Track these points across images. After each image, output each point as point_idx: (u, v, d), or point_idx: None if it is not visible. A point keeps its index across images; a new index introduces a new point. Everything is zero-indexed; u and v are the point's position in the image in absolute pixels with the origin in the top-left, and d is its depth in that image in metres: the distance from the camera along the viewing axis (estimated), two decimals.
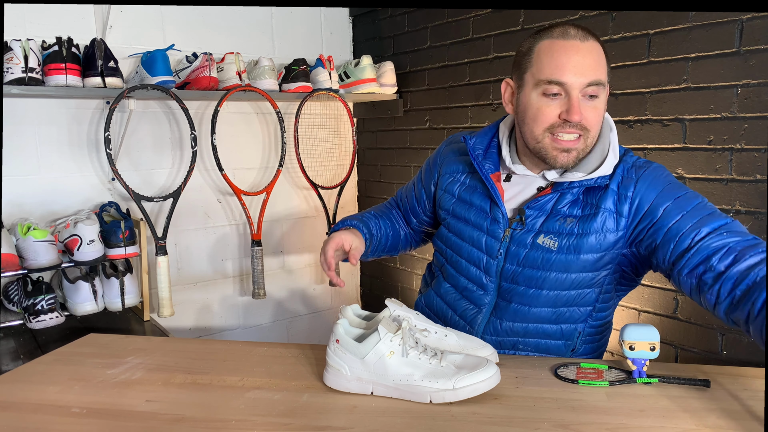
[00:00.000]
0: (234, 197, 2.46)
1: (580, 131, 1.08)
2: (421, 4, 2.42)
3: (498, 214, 1.19)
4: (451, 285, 1.30)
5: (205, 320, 2.51)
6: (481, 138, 1.25)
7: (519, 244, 1.17)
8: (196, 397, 1.03)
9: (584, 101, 1.07)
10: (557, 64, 1.05)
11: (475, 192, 1.24)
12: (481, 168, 1.20)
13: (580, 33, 1.06)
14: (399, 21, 2.57)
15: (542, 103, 1.08)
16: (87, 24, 2.13)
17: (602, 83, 1.07)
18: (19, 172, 2.05)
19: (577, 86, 1.05)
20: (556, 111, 1.07)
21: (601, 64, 1.07)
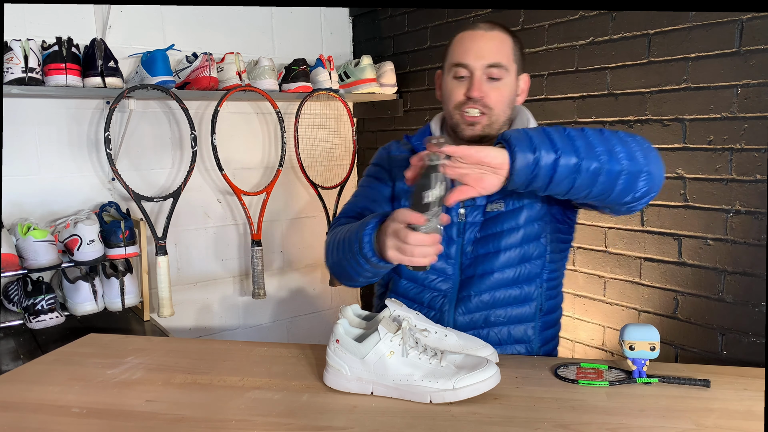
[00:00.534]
0: (234, 197, 2.46)
1: (482, 108, 1.21)
2: (421, 4, 2.42)
3: None
4: (409, 280, 1.32)
5: (205, 320, 2.51)
6: (419, 136, 1.37)
7: (474, 220, 1.28)
8: (196, 397, 1.02)
9: (487, 82, 1.21)
10: (463, 49, 1.22)
11: None
12: None
13: (488, 25, 1.23)
14: (399, 21, 2.57)
15: (453, 85, 1.24)
16: (87, 24, 2.13)
17: (503, 66, 1.21)
18: (19, 172, 2.05)
19: (478, 67, 1.20)
20: (462, 90, 1.22)
21: (503, 50, 1.21)
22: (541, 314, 1.29)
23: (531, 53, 2.04)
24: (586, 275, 1.95)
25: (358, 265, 1.12)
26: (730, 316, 1.57)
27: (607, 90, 1.82)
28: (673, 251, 1.69)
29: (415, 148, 1.34)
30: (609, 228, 1.86)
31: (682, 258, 1.68)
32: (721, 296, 1.59)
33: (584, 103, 1.89)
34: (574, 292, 1.99)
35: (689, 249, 1.66)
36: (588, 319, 1.95)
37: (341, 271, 1.21)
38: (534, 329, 1.29)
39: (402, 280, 1.33)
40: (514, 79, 1.24)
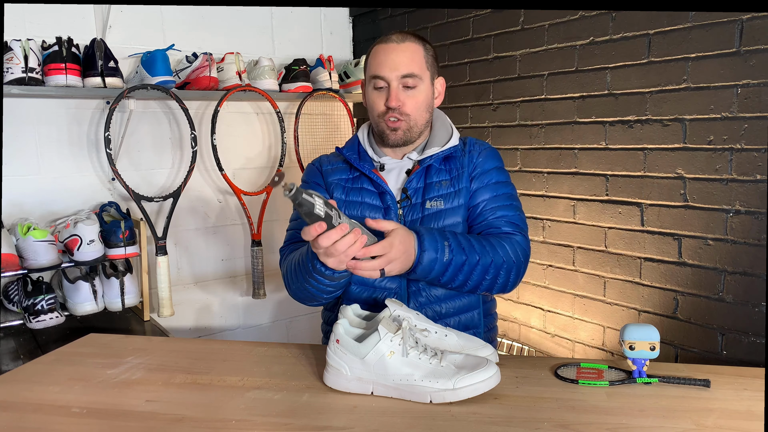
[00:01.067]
0: (234, 197, 2.46)
1: (400, 116, 1.31)
2: (421, 4, 2.42)
3: (388, 199, 1.33)
4: (359, 285, 1.33)
5: (205, 320, 2.51)
6: (349, 146, 1.43)
7: (413, 218, 1.32)
8: (196, 397, 1.03)
9: (403, 91, 1.30)
10: (378, 62, 1.31)
11: (362, 191, 1.36)
12: (361, 167, 1.36)
13: (400, 36, 1.31)
14: (399, 21, 2.57)
15: (374, 95, 1.33)
16: (87, 24, 2.13)
17: (416, 75, 1.29)
18: (19, 172, 2.05)
19: (393, 78, 1.29)
20: (382, 100, 1.32)
21: (415, 60, 1.30)
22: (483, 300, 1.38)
23: (531, 53, 2.04)
24: (586, 275, 1.95)
25: (319, 283, 1.18)
26: (730, 316, 1.57)
27: (607, 90, 1.82)
28: (673, 251, 1.69)
29: (347, 158, 1.39)
30: (609, 228, 1.86)
31: (682, 258, 1.68)
32: (721, 296, 1.59)
33: (584, 103, 1.89)
34: (574, 292, 1.99)
35: (689, 249, 1.66)
36: (588, 319, 1.95)
37: (305, 294, 1.26)
38: (479, 314, 1.36)
39: (352, 286, 1.33)
40: (429, 85, 1.34)
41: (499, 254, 1.24)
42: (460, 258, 1.20)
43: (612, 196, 1.84)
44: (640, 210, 1.77)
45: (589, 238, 1.92)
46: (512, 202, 1.37)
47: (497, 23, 2.15)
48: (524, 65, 2.08)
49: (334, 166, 1.42)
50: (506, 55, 2.13)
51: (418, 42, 1.32)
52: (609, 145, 1.84)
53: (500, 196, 1.35)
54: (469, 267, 1.21)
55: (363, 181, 1.37)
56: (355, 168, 1.38)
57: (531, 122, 2.08)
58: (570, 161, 1.96)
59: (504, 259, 1.24)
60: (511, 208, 1.35)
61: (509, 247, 1.27)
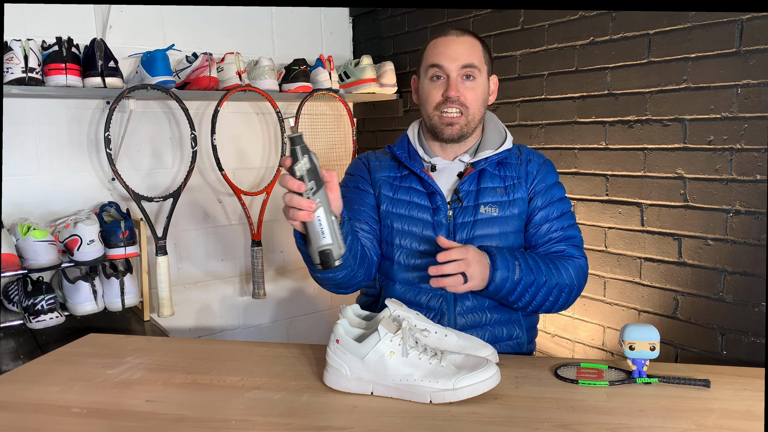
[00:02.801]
0: (234, 197, 2.46)
1: (460, 107, 1.30)
2: (421, 4, 2.42)
3: (438, 200, 1.32)
4: (404, 284, 1.33)
5: (205, 320, 2.51)
6: (399, 144, 1.42)
7: (464, 220, 1.32)
8: (196, 397, 1.03)
9: (462, 82, 1.30)
10: (438, 52, 1.31)
11: (411, 190, 1.36)
12: (412, 166, 1.35)
13: (459, 31, 1.33)
14: (399, 21, 2.57)
15: (430, 87, 1.33)
16: (87, 24, 2.13)
17: (476, 66, 1.30)
18: (19, 172, 2.05)
19: (453, 68, 1.29)
20: (440, 91, 1.31)
21: (475, 53, 1.31)
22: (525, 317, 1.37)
23: (531, 53, 2.04)
24: None
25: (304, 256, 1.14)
26: (730, 316, 1.57)
27: (607, 90, 1.82)
28: (673, 251, 1.69)
29: (397, 156, 1.38)
30: (609, 228, 1.86)
31: (682, 258, 1.68)
32: (721, 296, 1.59)
33: (584, 103, 1.89)
34: None
35: (689, 249, 1.66)
36: (588, 319, 1.95)
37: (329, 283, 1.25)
38: (521, 327, 1.35)
39: (396, 285, 1.34)
40: (486, 80, 1.35)
41: (563, 276, 1.26)
42: (529, 278, 1.21)
43: (612, 196, 1.84)
44: (640, 210, 1.77)
45: (589, 238, 1.92)
46: (574, 222, 1.38)
47: (497, 23, 2.15)
48: (524, 65, 2.08)
49: (382, 163, 1.42)
50: (506, 55, 2.13)
51: (476, 37, 1.34)
52: (609, 145, 1.84)
53: (565, 215, 1.36)
54: (536, 287, 1.23)
55: (412, 180, 1.36)
56: (404, 166, 1.37)
57: (531, 122, 2.08)
58: (570, 161, 1.96)
59: (567, 282, 1.26)
60: (574, 228, 1.36)
61: (573, 270, 1.28)
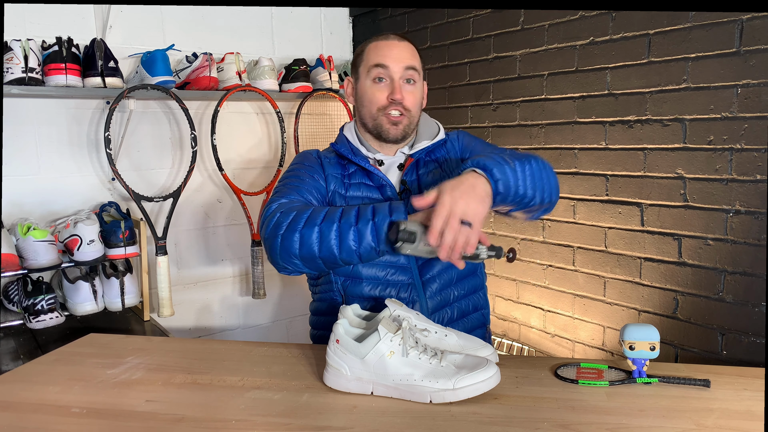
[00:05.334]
0: (234, 197, 2.46)
1: (402, 109, 1.34)
2: (421, 4, 2.42)
3: (388, 191, 1.34)
4: (370, 281, 1.30)
5: (205, 320, 2.51)
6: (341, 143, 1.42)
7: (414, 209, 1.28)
8: (196, 397, 1.03)
9: (404, 85, 1.34)
10: (381, 54, 1.34)
11: (361, 186, 1.37)
12: (359, 162, 1.36)
13: (398, 36, 1.37)
14: (399, 21, 2.57)
15: (374, 88, 1.34)
16: (87, 24, 2.13)
17: (416, 69, 1.35)
18: (19, 172, 2.05)
19: (397, 70, 1.32)
20: (384, 93, 1.33)
21: (415, 57, 1.37)
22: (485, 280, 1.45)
23: (531, 53, 2.04)
24: (586, 275, 1.95)
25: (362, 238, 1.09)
26: (730, 316, 1.57)
27: (607, 90, 1.82)
28: (673, 251, 1.69)
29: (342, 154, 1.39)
30: (609, 228, 1.86)
31: (682, 258, 1.68)
32: (721, 296, 1.59)
33: (584, 103, 1.89)
34: (574, 292, 1.99)
35: (689, 249, 1.66)
36: (588, 319, 1.95)
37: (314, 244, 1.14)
38: (483, 294, 1.42)
39: (363, 283, 1.30)
40: (422, 84, 1.40)
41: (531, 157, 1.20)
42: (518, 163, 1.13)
43: (612, 196, 1.84)
44: (640, 210, 1.77)
45: (589, 238, 1.92)
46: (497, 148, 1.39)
47: (497, 23, 2.15)
48: (524, 65, 2.08)
49: (330, 160, 1.42)
50: (506, 55, 2.13)
51: (413, 44, 1.39)
52: (609, 145, 1.84)
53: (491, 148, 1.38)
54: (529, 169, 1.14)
55: (361, 176, 1.37)
56: (352, 163, 1.38)
57: (531, 122, 2.08)
58: (570, 161, 1.96)
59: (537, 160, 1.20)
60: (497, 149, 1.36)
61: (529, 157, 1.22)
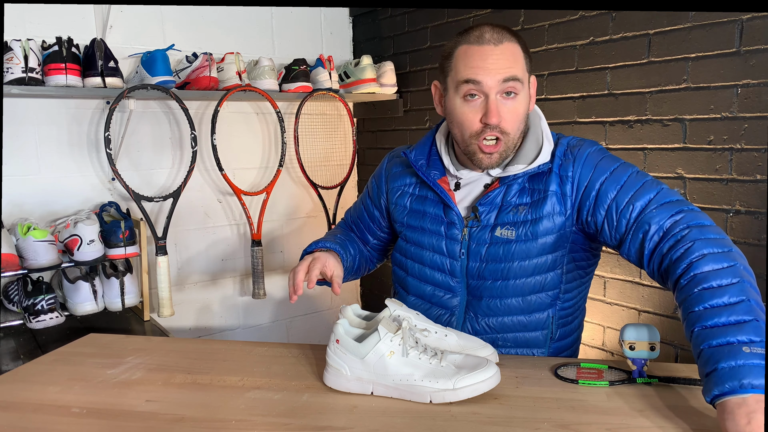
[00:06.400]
0: (234, 197, 2.46)
1: (498, 134, 1.14)
2: (421, 4, 2.41)
3: (453, 216, 1.23)
4: (417, 296, 1.31)
5: (205, 320, 2.51)
6: (421, 149, 1.30)
7: (479, 241, 1.20)
8: (196, 397, 1.03)
9: (502, 101, 1.13)
10: (473, 66, 1.11)
11: (426, 200, 1.28)
12: (426, 176, 1.25)
13: (495, 36, 1.12)
14: (399, 21, 2.57)
15: (465, 108, 1.14)
16: (87, 24, 2.13)
17: (518, 79, 1.12)
18: (19, 172, 2.05)
19: (493, 85, 1.11)
20: (477, 114, 1.13)
21: (517, 62, 1.13)
22: (551, 341, 1.24)
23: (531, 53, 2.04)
24: None
25: None
26: None
27: (607, 90, 1.82)
28: None
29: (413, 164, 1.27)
30: None
31: None
32: None
33: (584, 103, 1.89)
34: None
35: None
36: (588, 319, 1.95)
37: None
38: (543, 353, 1.24)
39: (410, 296, 1.32)
40: (527, 90, 1.17)
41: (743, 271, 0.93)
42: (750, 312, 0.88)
43: None
44: None
45: None
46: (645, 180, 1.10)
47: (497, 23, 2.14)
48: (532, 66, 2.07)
49: (402, 169, 1.35)
50: None
51: (514, 38, 1.14)
52: (609, 145, 1.84)
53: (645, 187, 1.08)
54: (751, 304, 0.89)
55: (429, 189, 1.27)
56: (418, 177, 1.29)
57: None
58: None
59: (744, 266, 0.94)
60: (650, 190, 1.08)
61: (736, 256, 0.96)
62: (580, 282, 1.26)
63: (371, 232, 1.47)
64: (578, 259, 1.23)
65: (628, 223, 1.08)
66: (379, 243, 1.50)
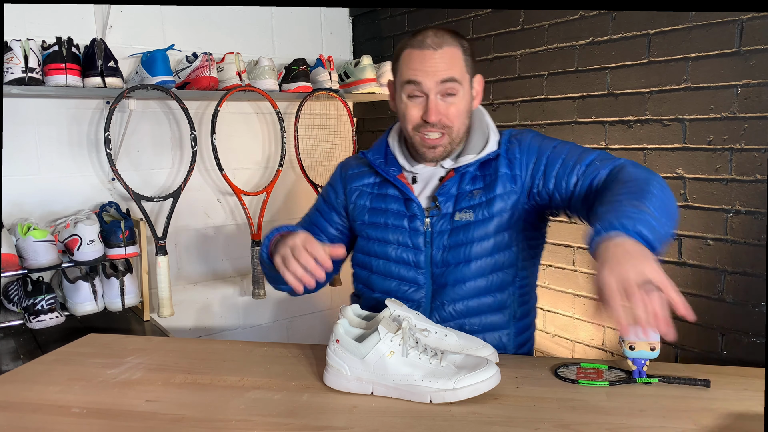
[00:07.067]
0: (234, 197, 2.46)
1: (441, 129, 1.22)
2: (421, 4, 2.42)
3: (414, 208, 1.28)
4: (382, 293, 1.31)
5: (205, 320, 2.51)
6: (377, 149, 1.35)
7: (441, 229, 1.26)
8: (196, 397, 1.03)
9: (442, 100, 1.20)
10: (413, 68, 1.19)
11: (387, 197, 1.32)
12: (386, 172, 1.30)
13: (436, 41, 1.19)
14: (399, 21, 2.57)
15: (409, 103, 1.22)
16: (87, 24, 2.13)
17: (456, 80, 1.19)
18: (19, 172, 2.05)
19: (432, 86, 1.18)
20: (418, 112, 1.21)
21: (455, 64, 1.20)
22: (514, 321, 1.29)
23: (531, 53, 2.04)
24: (586, 275, 1.95)
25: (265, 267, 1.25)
26: (730, 316, 1.57)
27: (607, 90, 1.82)
28: (673, 251, 1.69)
29: (372, 163, 1.32)
30: None
31: (682, 258, 1.68)
32: (721, 296, 1.59)
33: (584, 103, 1.89)
34: (574, 292, 1.99)
35: (689, 249, 1.66)
36: (588, 319, 1.95)
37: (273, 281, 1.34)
38: (509, 335, 1.29)
39: (375, 294, 1.32)
40: (468, 89, 1.24)
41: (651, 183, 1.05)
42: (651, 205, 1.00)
43: None
44: None
45: None
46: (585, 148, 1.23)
47: (497, 23, 2.15)
48: (524, 65, 2.08)
49: (359, 170, 1.38)
50: (506, 55, 2.13)
51: (455, 42, 1.21)
52: (609, 145, 1.84)
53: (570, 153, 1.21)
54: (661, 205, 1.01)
55: (388, 187, 1.31)
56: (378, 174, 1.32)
57: (531, 122, 2.08)
58: None
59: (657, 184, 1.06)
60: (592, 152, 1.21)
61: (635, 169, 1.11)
62: (532, 262, 1.35)
63: (328, 234, 1.43)
64: (530, 238, 1.30)
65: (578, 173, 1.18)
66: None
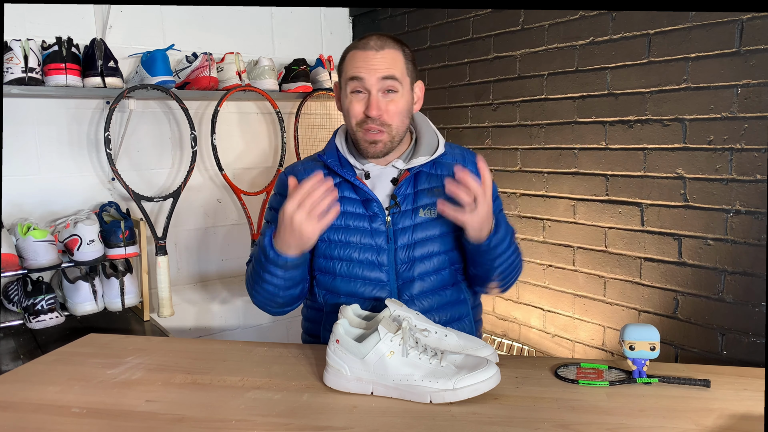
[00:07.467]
0: (234, 197, 2.46)
1: (380, 126, 1.25)
2: (421, 4, 2.42)
3: (374, 207, 1.29)
4: (348, 296, 1.30)
5: (205, 320, 2.51)
6: (330, 152, 1.36)
7: (403, 226, 1.29)
8: (196, 397, 1.03)
9: (383, 97, 1.25)
10: (356, 66, 1.25)
11: (345, 200, 1.31)
12: (344, 174, 1.31)
13: (378, 43, 1.25)
14: (399, 21, 2.57)
15: (352, 99, 1.27)
16: (87, 24, 2.13)
17: (397, 79, 1.25)
18: (19, 172, 2.05)
19: (373, 82, 1.23)
20: (361, 108, 1.26)
21: (396, 64, 1.26)
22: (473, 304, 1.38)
23: (531, 53, 2.04)
24: (586, 275, 1.95)
25: (272, 275, 1.18)
26: (730, 316, 1.57)
27: (607, 90, 1.82)
28: (673, 251, 1.69)
29: (327, 165, 1.33)
30: (609, 228, 1.86)
31: (682, 258, 1.68)
32: (721, 296, 1.59)
33: (584, 103, 1.89)
34: (574, 292, 1.99)
35: (689, 249, 1.66)
36: (588, 319, 1.95)
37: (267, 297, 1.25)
38: (469, 322, 1.35)
39: (341, 297, 1.31)
40: (409, 90, 1.29)
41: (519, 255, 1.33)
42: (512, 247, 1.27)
43: (612, 196, 1.84)
44: (640, 210, 1.77)
45: (589, 238, 1.92)
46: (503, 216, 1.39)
47: (497, 23, 2.15)
48: (524, 65, 2.08)
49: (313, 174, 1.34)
50: (506, 55, 2.13)
51: (397, 47, 1.27)
52: (609, 145, 1.84)
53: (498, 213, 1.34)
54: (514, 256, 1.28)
55: (345, 189, 1.31)
56: (337, 174, 1.32)
57: (531, 122, 2.08)
58: (570, 161, 1.96)
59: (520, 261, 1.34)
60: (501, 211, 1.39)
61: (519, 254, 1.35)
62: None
63: None
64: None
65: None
66: None
